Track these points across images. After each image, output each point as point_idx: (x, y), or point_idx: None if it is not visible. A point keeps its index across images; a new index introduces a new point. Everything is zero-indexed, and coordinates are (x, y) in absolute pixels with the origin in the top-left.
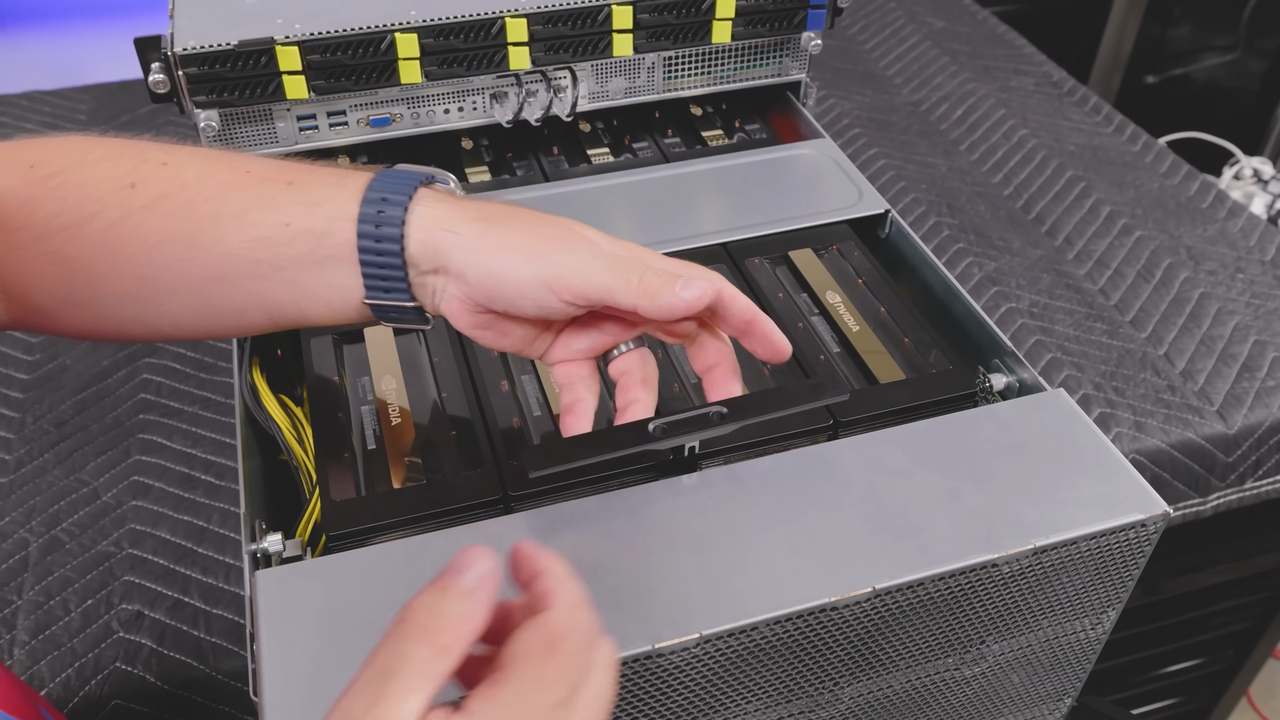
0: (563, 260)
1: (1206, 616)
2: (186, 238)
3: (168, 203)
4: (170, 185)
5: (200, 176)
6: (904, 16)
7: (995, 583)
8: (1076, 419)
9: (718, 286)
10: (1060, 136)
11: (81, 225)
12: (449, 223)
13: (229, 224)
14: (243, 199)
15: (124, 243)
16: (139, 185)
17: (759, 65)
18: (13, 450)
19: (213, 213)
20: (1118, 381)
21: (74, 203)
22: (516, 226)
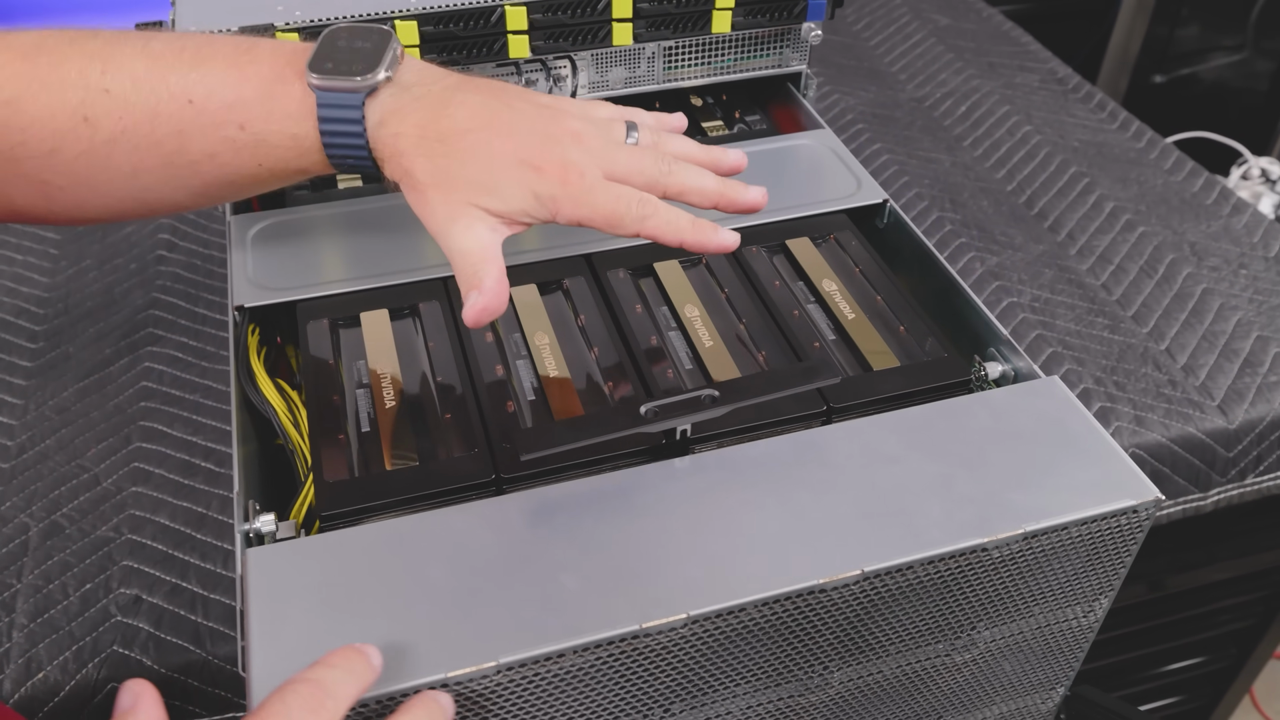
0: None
1: (1208, 614)
2: (160, 168)
3: (129, 138)
4: (125, 120)
5: (148, 110)
6: (909, 13)
7: (986, 567)
8: (1070, 406)
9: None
10: (1064, 133)
11: (49, 155)
12: (406, 153)
13: (203, 162)
14: (206, 141)
15: (96, 173)
16: (92, 120)
17: (759, 56)
18: (15, 436)
19: (179, 149)
20: (1119, 376)
21: (34, 134)
22: (470, 160)
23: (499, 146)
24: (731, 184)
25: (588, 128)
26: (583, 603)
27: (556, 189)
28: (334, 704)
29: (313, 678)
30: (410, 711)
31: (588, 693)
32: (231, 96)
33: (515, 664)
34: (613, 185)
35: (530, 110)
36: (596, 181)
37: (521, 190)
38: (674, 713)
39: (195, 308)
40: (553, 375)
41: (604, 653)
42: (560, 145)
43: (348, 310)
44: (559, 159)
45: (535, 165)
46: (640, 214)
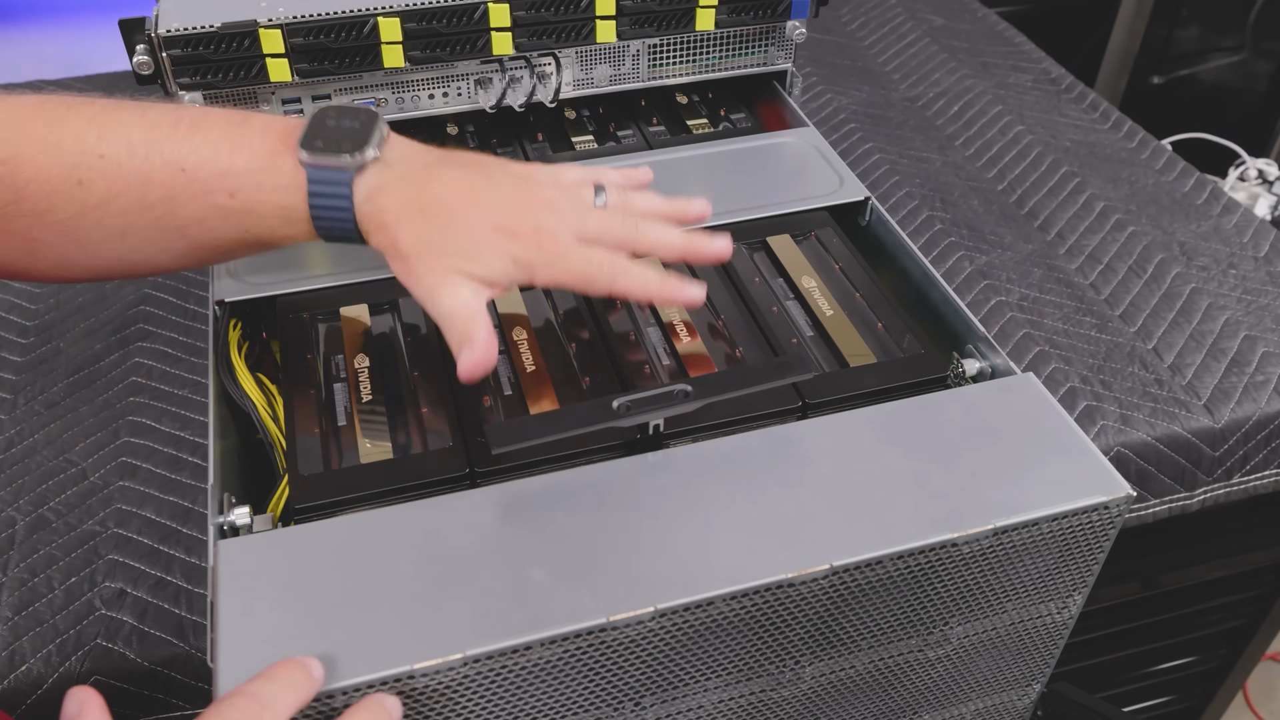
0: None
1: (1198, 614)
2: (150, 230)
3: (120, 201)
4: (115, 184)
5: (140, 176)
6: (904, 13)
7: (956, 563)
8: (1044, 402)
9: None
10: (1056, 133)
11: (40, 216)
12: (390, 227)
13: (191, 226)
14: (194, 207)
15: (87, 233)
16: (85, 183)
17: (744, 54)
18: (4, 430)
19: (168, 214)
20: (1105, 375)
21: (28, 194)
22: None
23: (478, 217)
24: (697, 237)
25: (558, 195)
26: (551, 596)
27: (532, 254)
28: (271, 715)
29: (252, 691)
30: (355, 716)
31: (557, 686)
32: (224, 165)
33: (482, 656)
34: (584, 248)
35: (506, 181)
36: (569, 245)
37: (500, 256)
38: (645, 706)
39: (186, 304)
40: (529, 371)
41: (572, 645)
42: (534, 213)
43: (327, 305)
44: (533, 226)
45: (512, 232)
46: (610, 274)
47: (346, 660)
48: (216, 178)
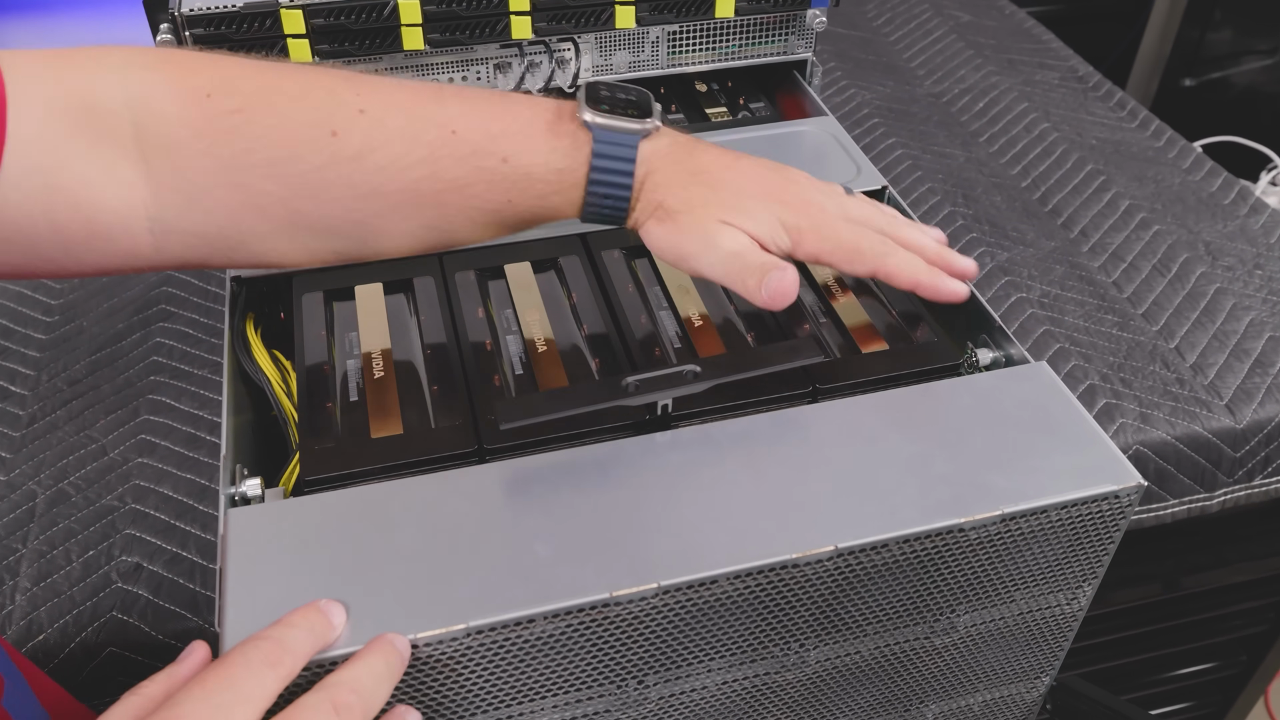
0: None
1: (1219, 619)
2: (401, 194)
3: (376, 158)
4: (375, 138)
5: (405, 134)
6: (930, 9)
7: (963, 549)
8: (1056, 391)
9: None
10: (1082, 130)
11: (280, 163)
12: (661, 186)
13: (450, 192)
14: (461, 170)
15: (329, 187)
16: (341, 134)
17: (764, 43)
18: (27, 406)
19: (429, 176)
20: (1125, 373)
21: (269, 141)
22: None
23: (746, 181)
24: (947, 249)
25: (817, 182)
26: (554, 570)
27: (802, 220)
28: (291, 660)
29: (273, 635)
30: (365, 657)
31: (560, 661)
32: (498, 128)
33: (485, 628)
34: (854, 226)
35: (766, 163)
36: (838, 219)
37: (770, 216)
38: (648, 685)
39: (208, 285)
40: (541, 350)
41: (574, 620)
42: (800, 187)
43: (343, 283)
44: (802, 196)
45: (781, 199)
46: (881, 250)
47: (351, 628)
48: (489, 139)
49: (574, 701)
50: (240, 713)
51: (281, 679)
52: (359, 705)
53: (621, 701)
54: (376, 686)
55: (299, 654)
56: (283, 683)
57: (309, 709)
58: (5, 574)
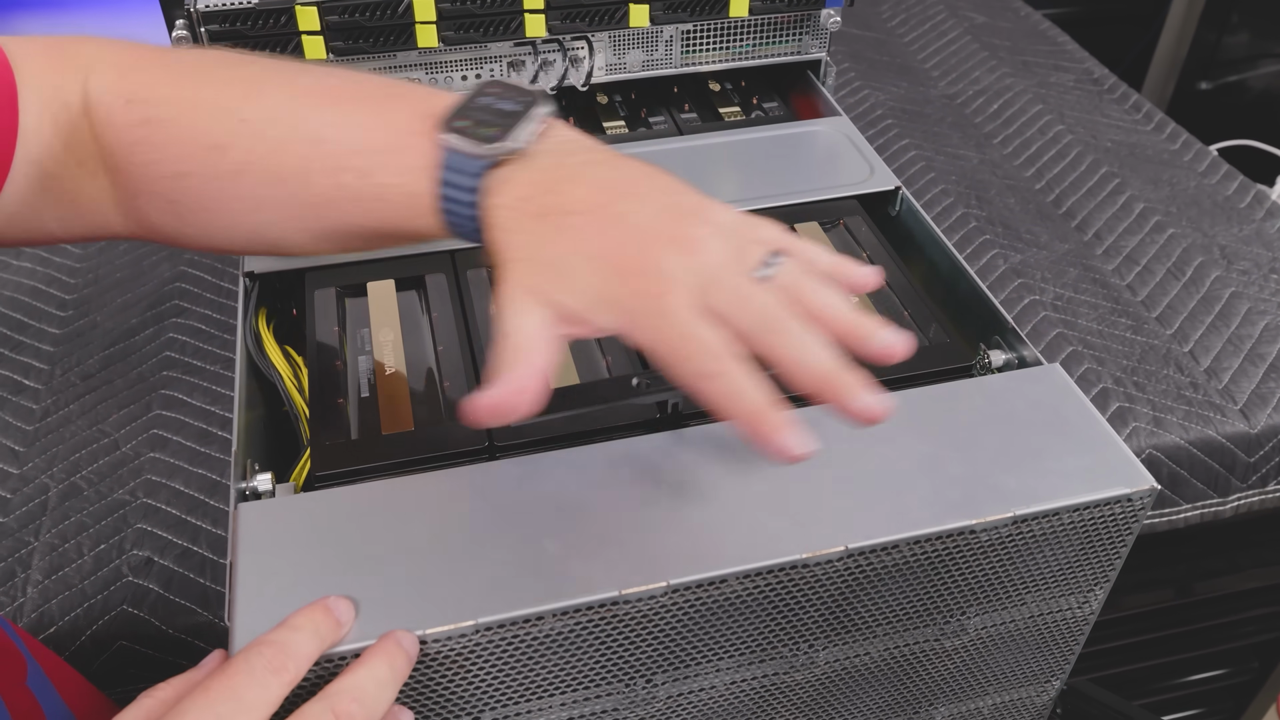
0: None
1: (1231, 625)
2: (282, 205)
3: (255, 172)
4: (254, 151)
5: (281, 146)
6: (945, 11)
7: (974, 550)
8: (1069, 393)
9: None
10: (1097, 133)
11: (180, 178)
12: (496, 226)
13: (322, 206)
14: (325, 185)
15: (222, 201)
16: (221, 148)
17: (778, 42)
18: (40, 400)
19: (300, 188)
20: (1139, 377)
21: (170, 154)
22: (555, 242)
23: (593, 237)
24: (847, 378)
25: (713, 240)
26: (564, 568)
27: (631, 300)
28: (295, 664)
29: (277, 639)
30: (368, 662)
31: (568, 658)
32: (360, 141)
33: (494, 624)
34: (695, 321)
35: (658, 203)
36: (679, 307)
37: (592, 290)
38: (657, 684)
39: (221, 281)
40: None
41: (583, 618)
42: (662, 251)
43: (355, 279)
44: (650, 267)
45: (622, 267)
46: (700, 370)
47: (359, 624)
48: (349, 154)
49: (582, 700)
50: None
51: (286, 684)
52: (361, 714)
53: (629, 700)
54: (379, 692)
55: (303, 657)
56: (287, 688)
57: (311, 718)
58: (18, 566)
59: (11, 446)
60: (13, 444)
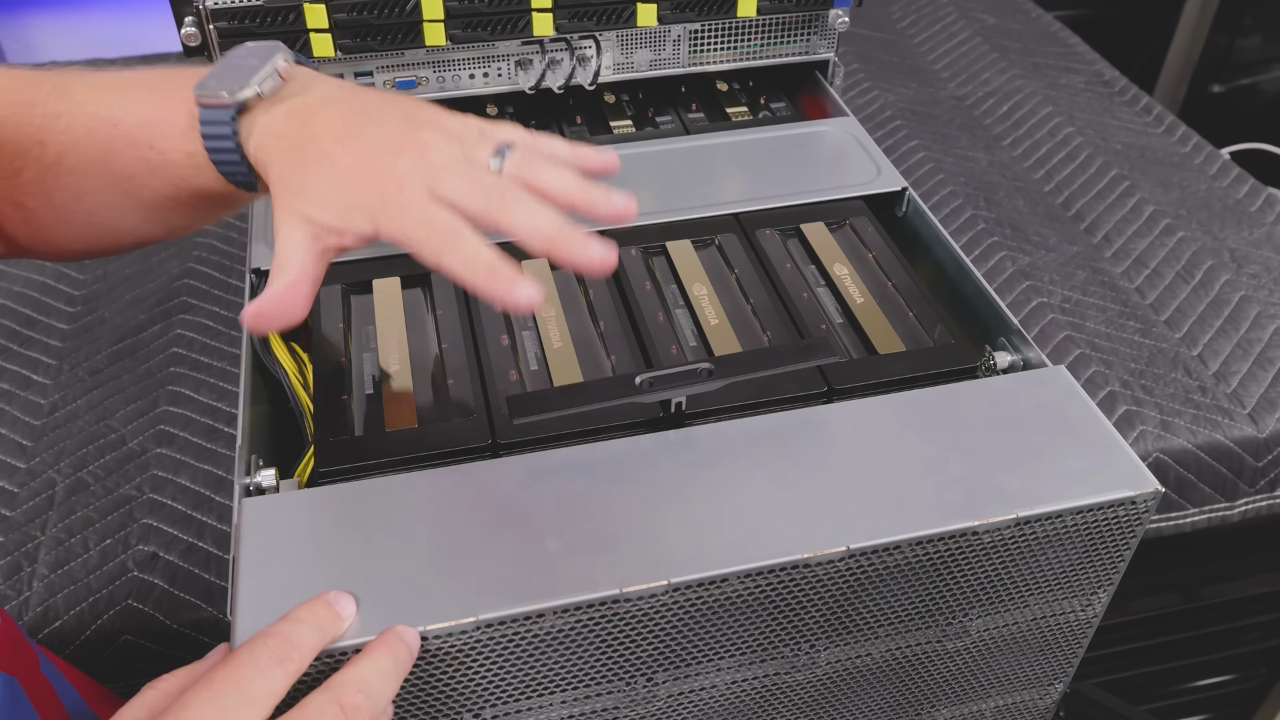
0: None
1: (1239, 630)
2: (99, 189)
3: (70, 159)
4: (66, 141)
5: (88, 133)
6: (955, 12)
7: (976, 552)
8: (1074, 395)
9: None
10: (1107, 135)
11: (16, 177)
12: (264, 163)
13: (127, 182)
14: (124, 162)
15: (51, 194)
16: (45, 141)
17: (786, 42)
18: (49, 395)
19: (106, 170)
20: (1147, 380)
21: (4, 156)
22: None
23: (339, 156)
24: (572, 238)
25: (440, 142)
26: (565, 565)
27: (373, 201)
28: (299, 655)
29: (281, 631)
30: (371, 655)
31: (569, 656)
32: (145, 117)
33: (495, 621)
34: (429, 207)
35: (391, 121)
36: (414, 198)
37: (340, 201)
38: (658, 682)
39: (229, 279)
40: (556, 347)
41: (584, 615)
42: (395, 157)
43: (360, 276)
44: (385, 171)
45: (363, 176)
46: (439, 246)
47: (361, 619)
48: (139, 129)
49: (583, 698)
50: (247, 714)
51: (290, 675)
52: (366, 705)
53: (630, 699)
54: (383, 684)
55: (306, 649)
56: (290, 679)
57: (315, 710)
58: (24, 560)
59: (19, 441)
60: (20, 439)
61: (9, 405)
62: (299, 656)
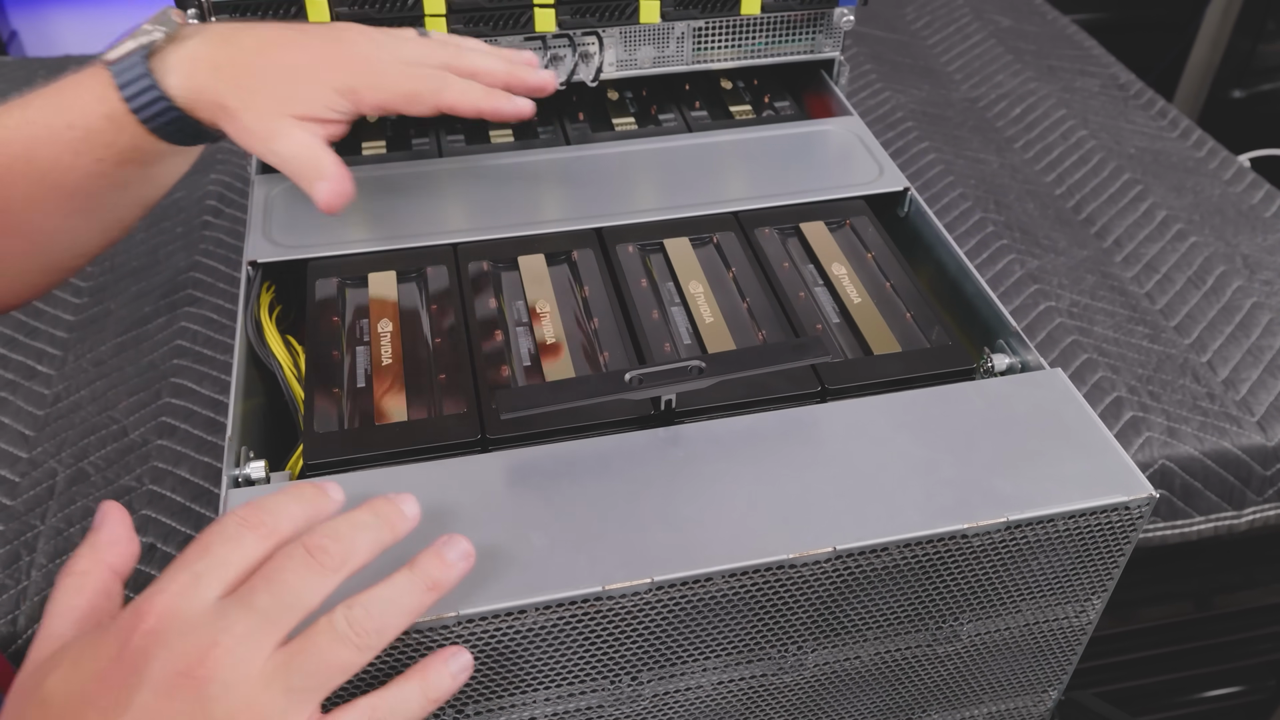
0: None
1: (1247, 641)
2: (36, 194)
3: (7, 174)
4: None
5: (7, 142)
6: (970, 14)
7: (966, 556)
8: (1069, 398)
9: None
10: (1121, 139)
11: None
12: (209, 89)
13: (52, 174)
14: (49, 151)
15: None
16: None
17: (791, 41)
18: (52, 386)
19: (30, 167)
20: (1154, 386)
21: None
22: (269, 76)
23: (293, 58)
24: (519, 67)
25: (373, 32)
26: (548, 561)
27: (353, 79)
28: (271, 520)
29: (254, 501)
30: (353, 512)
31: (552, 653)
32: (56, 104)
33: (476, 617)
34: (403, 68)
35: (314, 29)
36: (388, 66)
37: (321, 89)
38: (643, 681)
39: (234, 272)
40: (550, 343)
41: (567, 613)
42: (352, 44)
43: (357, 271)
44: (350, 54)
45: (329, 64)
46: (435, 87)
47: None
48: (54, 115)
49: (567, 695)
50: (218, 575)
51: (261, 539)
52: (335, 548)
53: (615, 697)
54: (355, 533)
55: (284, 516)
56: (263, 543)
57: (283, 553)
58: (23, 550)
59: (22, 431)
60: (24, 429)
61: (13, 395)
62: (271, 521)
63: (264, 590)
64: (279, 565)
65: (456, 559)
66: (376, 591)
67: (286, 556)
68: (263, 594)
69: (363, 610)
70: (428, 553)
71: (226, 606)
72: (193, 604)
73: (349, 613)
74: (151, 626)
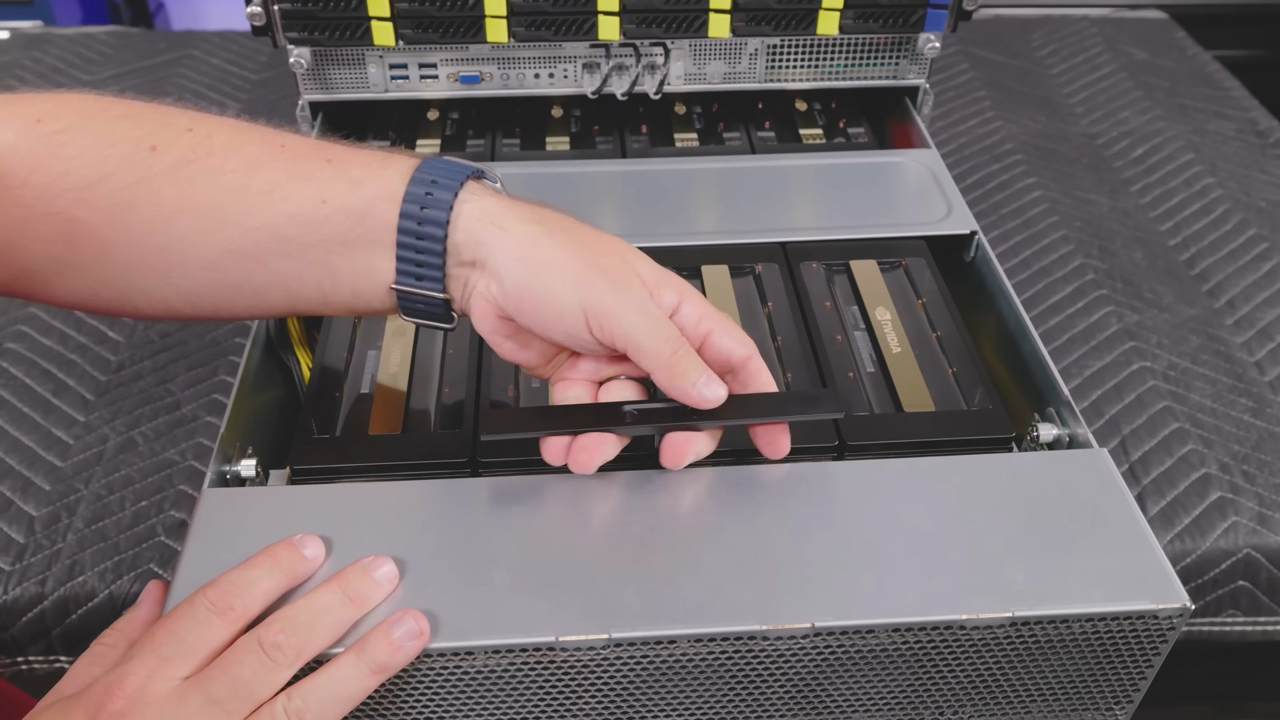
0: (609, 300)
1: None
2: (209, 208)
3: (191, 169)
4: (196, 151)
5: (229, 146)
6: (1103, 44)
7: (966, 648)
8: (1110, 483)
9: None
10: (1251, 190)
11: (93, 186)
12: (500, 219)
13: (258, 197)
14: (276, 172)
15: (138, 208)
16: (160, 148)
17: (871, 65)
18: (119, 353)
19: (241, 184)
20: (1250, 465)
21: (84, 162)
22: (569, 242)
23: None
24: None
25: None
26: (505, 603)
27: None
28: (241, 603)
29: (223, 580)
30: (313, 592)
31: (503, 697)
32: (327, 145)
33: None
34: None
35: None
36: None
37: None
38: None
39: None
40: None
41: (518, 659)
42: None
43: None
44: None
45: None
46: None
47: None
48: (317, 149)
49: None
50: (186, 663)
51: (230, 624)
52: (290, 645)
53: None
54: (313, 623)
55: (256, 595)
56: (232, 627)
57: (240, 650)
58: (63, 512)
59: (84, 395)
60: (86, 392)
61: (81, 358)
62: (241, 604)
63: (221, 681)
64: (237, 660)
65: (405, 639)
66: (320, 680)
67: (245, 651)
68: (220, 684)
69: (301, 702)
70: (376, 632)
71: (188, 692)
72: (159, 687)
73: (288, 704)
74: (119, 708)
